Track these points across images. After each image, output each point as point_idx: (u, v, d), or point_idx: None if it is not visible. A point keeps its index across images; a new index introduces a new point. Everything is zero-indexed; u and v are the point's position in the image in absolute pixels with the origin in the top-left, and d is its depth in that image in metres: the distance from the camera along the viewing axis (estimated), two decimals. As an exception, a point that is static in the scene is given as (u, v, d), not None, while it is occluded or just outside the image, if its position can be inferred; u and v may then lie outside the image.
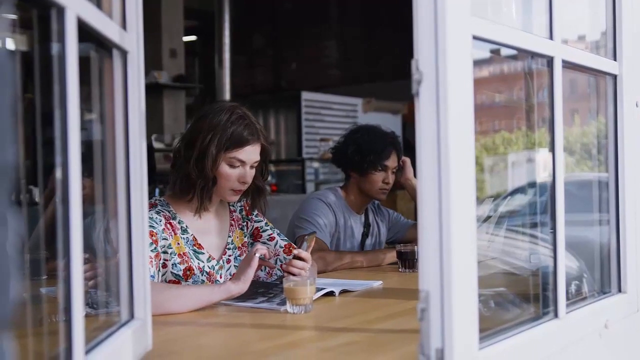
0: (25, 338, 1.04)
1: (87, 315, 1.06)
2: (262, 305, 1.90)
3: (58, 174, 0.96)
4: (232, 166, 2.12)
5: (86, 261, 1.05)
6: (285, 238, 2.36)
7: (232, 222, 2.31)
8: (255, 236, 2.33)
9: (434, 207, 1.15)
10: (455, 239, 1.14)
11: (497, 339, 1.31)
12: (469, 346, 1.18)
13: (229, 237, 2.28)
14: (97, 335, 1.18)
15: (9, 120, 0.57)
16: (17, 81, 0.61)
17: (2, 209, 0.54)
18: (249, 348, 1.53)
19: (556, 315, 1.50)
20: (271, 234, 2.34)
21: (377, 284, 2.30)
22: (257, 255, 1.95)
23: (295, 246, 2.28)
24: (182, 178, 2.13)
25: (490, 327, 1.32)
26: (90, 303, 1.38)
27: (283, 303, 1.86)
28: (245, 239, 2.32)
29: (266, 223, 2.36)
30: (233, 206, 2.33)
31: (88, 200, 1.18)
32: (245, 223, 2.34)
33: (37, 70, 1.01)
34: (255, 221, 2.35)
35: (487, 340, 1.26)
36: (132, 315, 1.33)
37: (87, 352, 1.06)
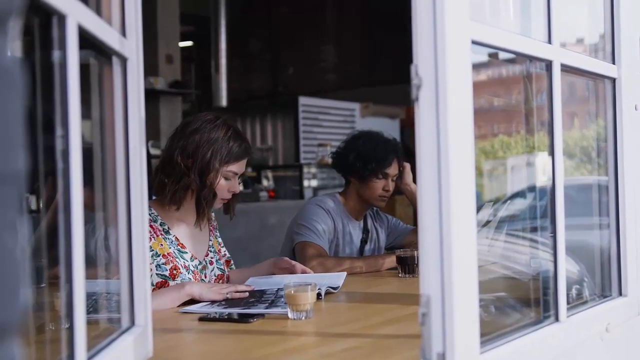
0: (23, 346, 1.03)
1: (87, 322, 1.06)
2: (271, 311, 1.89)
3: (59, 181, 0.96)
4: (226, 179, 2.25)
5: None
6: (222, 267, 2.41)
7: (211, 228, 2.43)
8: (217, 251, 2.43)
9: (434, 211, 1.15)
10: (456, 243, 1.14)
11: (498, 343, 1.31)
12: (470, 350, 1.18)
13: (210, 240, 2.40)
14: (98, 342, 1.18)
15: (20, 128, 0.58)
16: (27, 89, 0.61)
17: (12, 215, 0.55)
18: (250, 354, 1.52)
19: (557, 319, 1.50)
20: (225, 253, 2.48)
21: (342, 276, 2.34)
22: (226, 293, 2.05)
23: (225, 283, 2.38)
24: (181, 189, 2.20)
25: (491, 332, 1.32)
26: (90, 309, 1.37)
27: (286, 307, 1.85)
28: (220, 247, 2.44)
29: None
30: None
31: (87, 208, 1.18)
32: (217, 233, 2.46)
33: (37, 77, 1.01)
34: (219, 236, 2.48)
35: (488, 345, 1.26)
36: (132, 322, 1.33)
37: (89, 359, 1.05)
